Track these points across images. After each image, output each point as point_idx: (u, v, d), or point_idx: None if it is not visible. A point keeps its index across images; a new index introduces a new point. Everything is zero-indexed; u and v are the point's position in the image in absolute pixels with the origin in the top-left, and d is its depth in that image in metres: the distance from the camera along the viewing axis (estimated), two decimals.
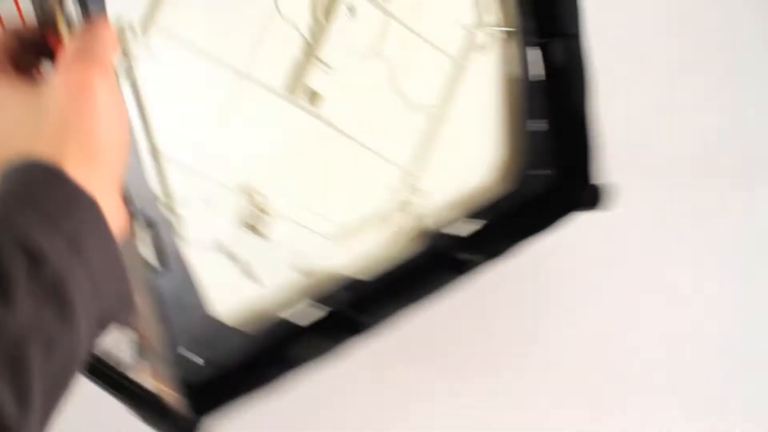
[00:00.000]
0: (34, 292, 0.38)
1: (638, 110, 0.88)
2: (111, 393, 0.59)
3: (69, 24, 0.47)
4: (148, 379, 0.58)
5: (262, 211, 0.60)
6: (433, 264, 0.67)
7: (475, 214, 0.70)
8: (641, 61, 0.88)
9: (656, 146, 0.86)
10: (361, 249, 0.65)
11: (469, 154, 0.69)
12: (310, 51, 0.59)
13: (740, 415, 0.75)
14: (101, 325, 0.42)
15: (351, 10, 0.60)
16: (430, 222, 0.68)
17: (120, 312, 0.44)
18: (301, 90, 0.59)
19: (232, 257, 0.60)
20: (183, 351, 0.59)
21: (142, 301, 0.52)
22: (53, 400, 0.39)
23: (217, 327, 0.60)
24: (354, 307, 0.64)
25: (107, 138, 0.45)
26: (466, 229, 0.70)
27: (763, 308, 0.80)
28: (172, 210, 0.56)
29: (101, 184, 0.44)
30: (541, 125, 0.71)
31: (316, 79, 0.59)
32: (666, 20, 0.90)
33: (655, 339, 0.79)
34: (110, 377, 0.59)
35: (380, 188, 0.65)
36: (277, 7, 0.57)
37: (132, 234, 0.51)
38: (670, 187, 0.84)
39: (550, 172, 0.72)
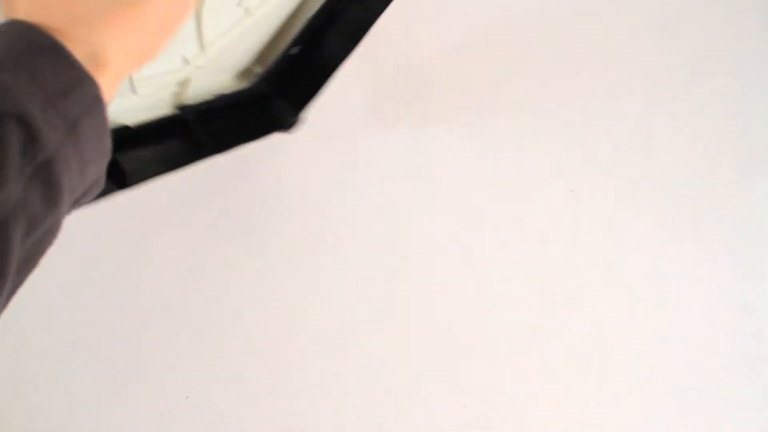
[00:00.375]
0: (26, 171, 0.38)
1: (639, 110, 0.88)
2: None
3: None
4: None
5: None
6: (178, 130, 0.75)
7: (217, 99, 0.78)
8: (642, 62, 0.88)
9: (657, 148, 0.86)
10: (140, 102, 0.71)
11: (240, 51, 0.77)
12: None
13: (740, 416, 0.75)
14: (75, 204, 0.42)
15: None
16: (189, 95, 0.75)
17: (94, 192, 0.44)
18: None
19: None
20: None
21: None
22: (25, 272, 0.40)
23: None
24: (119, 151, 0.69)
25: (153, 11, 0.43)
26: (203, 107, 0.77)
27: (762, 307, 0.80)
28: None
29: (123, 61, 0.43)
30: (294, 49, 0.79)
31: None
32: (666, 21, 0.89)
33: (655, 340, 0.80)
34: None
35: (179, 57, 0.70)
36: None
37: None
38: (665, 186, 0.84)
39: (269, 89, 0.80)
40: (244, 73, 0.82)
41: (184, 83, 0.74)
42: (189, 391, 0.74)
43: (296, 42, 0.79)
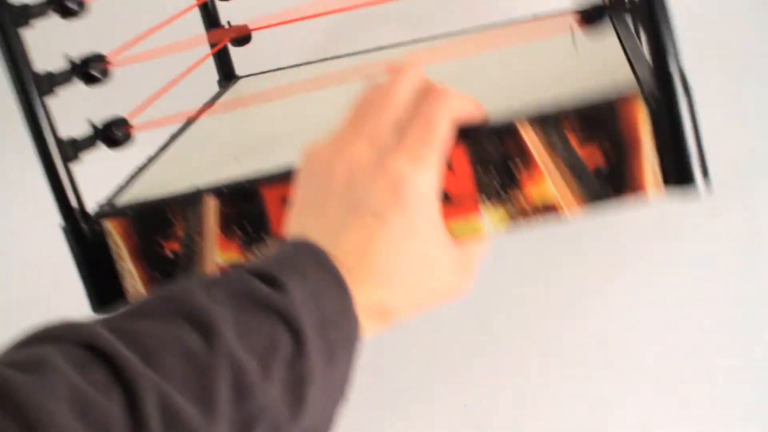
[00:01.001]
0: (286, 380, 0.39)
1: None
2: None
3: None
4: None
5: None
6: None
7: None
8: None
9: None
10: None
11: None
12: None
13: (740, 416, 0.75)
14: None
15: None
16: None
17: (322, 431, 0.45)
18: None
19: None
20: None
21: None
22: None
23: None
24: None
25: (410, 263, 0.45)
26: None
27: (763, 308, 0.80)
28: None
29: (391, 319, 0.46)
30: None
31: None
32: None
33: (655, 340, 0.80)
34: None
35: None
36: None
37: None
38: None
39: None
40: None
41: None
42: None
43: None
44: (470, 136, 0.48)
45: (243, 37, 0.80)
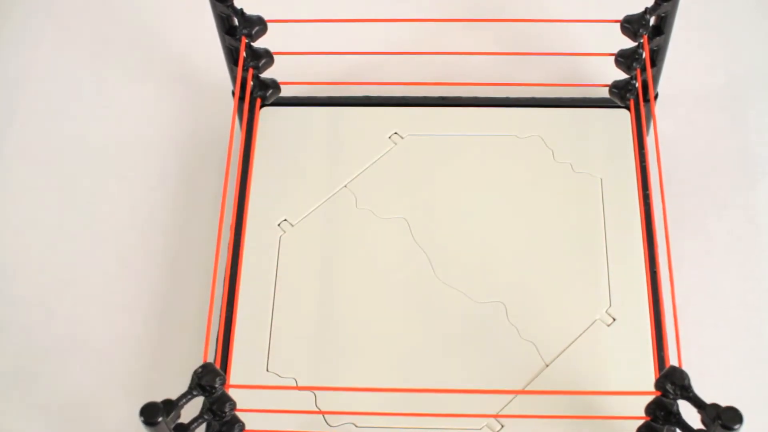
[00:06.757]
0: None
1: None
2: None
3: None
4: None
5: None
6: None
7: None
8: None
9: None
10: None
11: None
12: None
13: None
14: None
15: None
16: None
17: None
18: None
19: None
20: None
21: None
22: None
23: None
24: None
25: None
26: None
27: (762, 307, 0.80)
28: None
29: None
30: None
31: None
32: None
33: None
34: None
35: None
36: None
37: None
38: (664, 186, 0.84)
39: None
40: None
41: None
42: None
43: None
44: None
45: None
